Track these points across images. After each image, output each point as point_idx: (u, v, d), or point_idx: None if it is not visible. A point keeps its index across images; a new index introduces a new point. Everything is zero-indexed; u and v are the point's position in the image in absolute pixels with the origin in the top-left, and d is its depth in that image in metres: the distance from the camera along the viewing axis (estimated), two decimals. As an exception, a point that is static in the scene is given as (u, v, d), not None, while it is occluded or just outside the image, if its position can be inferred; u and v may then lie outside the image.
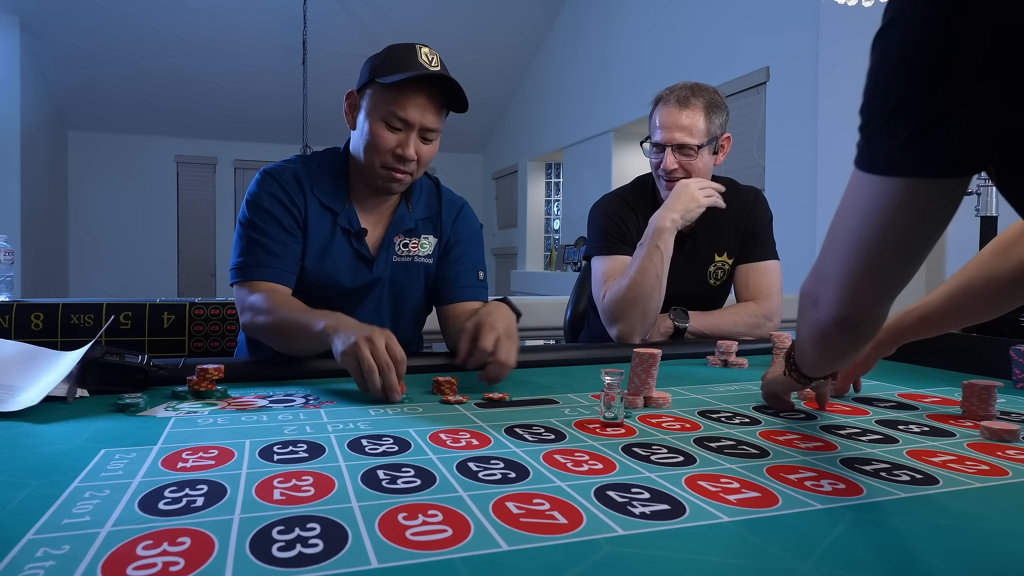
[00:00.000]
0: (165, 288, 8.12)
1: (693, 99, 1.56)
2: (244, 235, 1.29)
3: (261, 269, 1.26)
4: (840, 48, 3.03)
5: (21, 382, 0.93)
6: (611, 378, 0.83)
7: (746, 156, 4.00)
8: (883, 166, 0.53)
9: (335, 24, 6.55)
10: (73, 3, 5.96)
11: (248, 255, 1.27)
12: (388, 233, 1.36)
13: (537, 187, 7.84)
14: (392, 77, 1.20)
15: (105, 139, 7.97)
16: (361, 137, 1.27)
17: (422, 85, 1.22)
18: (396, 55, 1.23)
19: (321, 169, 1.35)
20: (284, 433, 0.80)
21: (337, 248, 1.33)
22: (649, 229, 1.53)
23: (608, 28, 5.86)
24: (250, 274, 1.26)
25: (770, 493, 0.61)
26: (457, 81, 1.23)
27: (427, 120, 1.24)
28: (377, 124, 1.24)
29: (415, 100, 1.22)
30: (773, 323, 1.62)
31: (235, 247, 1.30)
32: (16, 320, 1.60)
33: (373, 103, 1.25)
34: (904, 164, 0.50)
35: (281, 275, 1.27)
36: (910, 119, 0.48)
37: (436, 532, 0.51)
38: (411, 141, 1.24)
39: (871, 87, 0.53)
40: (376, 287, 1.36)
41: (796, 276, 3.22)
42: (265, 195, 1.29)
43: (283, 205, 1.29)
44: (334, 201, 1.33)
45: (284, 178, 1.31)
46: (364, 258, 1.35)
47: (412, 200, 1.38)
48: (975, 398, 0.93)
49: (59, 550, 0.48)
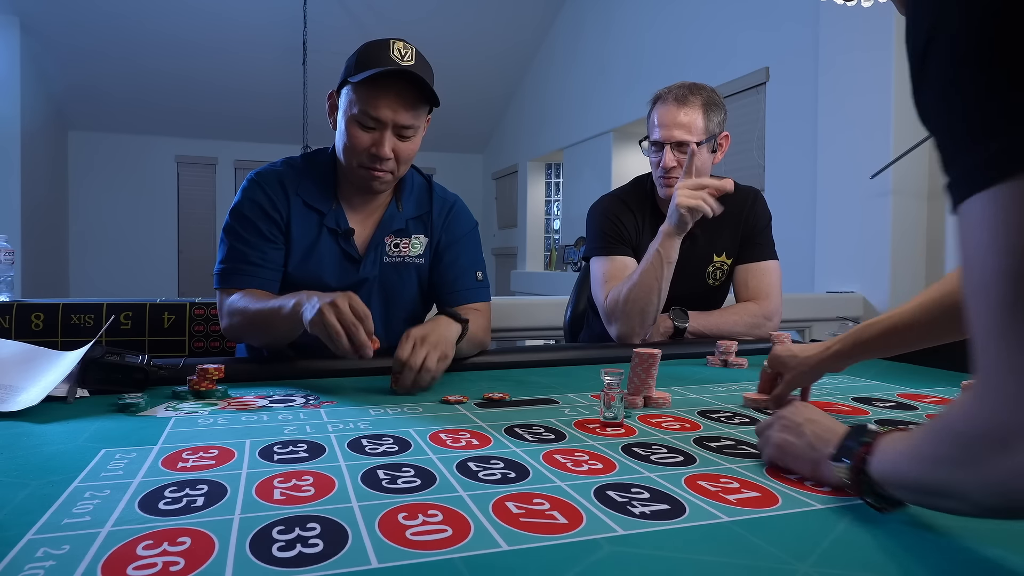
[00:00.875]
0: (165, 288, 8.11)
1: (691, 97, 1.56)
2: (226, 242, 1.31)
3: (241, 277, 1.27)
4: (840, 48, 3.02)
5: (21, 382, 0.93)
6: (611, 378, 0.83)
7: (746, 156, 4.00)
8: (1004, 163, 0.38)
9: (335, 24, 6.55)
10: (73, 3, 5.95)
11: (229, 262, 1.29)
12: (377, 233, 1.35)
13: (537, 187, 7.83)
14: (361, 75, 1.18)
15: (105, 139, 7.96)
16: (340, 138, 1.27)
17: (394, 82, 1.20)
18: (368, 52, 1.21)
19: (308, 170, 1.35)
20: (284, 433, 0.80)
21: (323, 248, 1.33)
22: (658, 234, 1.53)
23: (608, 28, 5.85)
24: (230, 281, 1.28)
25: (770, 493, 0.61)
26: (424, 76, 1.20)
27: (400, 118, 1.22)
28: (351, 124, 1.23)
29: (385, 98, 1.20)
30: (773, 323, 1.62)
31: (218, 253, 1.32)
32: (16, 320, 1.60)
33: (347, 103, 1.24)
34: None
35: (260, 282, 1.28)
36: (1012, 111, 0.37)
37: (436, 532, 0.51)
38: (386, 140, 1.22)
39: (946, 103, 0.42)
40: (363, 287, 1.35)
41: (796, 276, 3.23)
42: (247, 202, 1.30)
43: (264, 211, 1.29)
44: (320, 202, 1.32)
45: (267, 182, 1.31)
46: (351, 258, 1.34)
47: (402, 199, 1.37)
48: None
49: (59, 550, 0.48)
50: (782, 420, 0.70)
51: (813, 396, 1.06)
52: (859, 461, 0.56)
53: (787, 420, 0.69)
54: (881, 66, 2.80)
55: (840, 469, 0.58)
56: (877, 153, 2.78)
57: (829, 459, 0.60)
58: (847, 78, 2.99)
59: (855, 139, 2.94)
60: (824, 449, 0.62)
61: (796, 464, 0.66)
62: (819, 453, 0.63)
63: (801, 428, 0.66)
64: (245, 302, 1.21)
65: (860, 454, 0.56)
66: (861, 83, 2.91)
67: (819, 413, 0.69)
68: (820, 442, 0.63)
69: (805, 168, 3.43)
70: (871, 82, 2.84)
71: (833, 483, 0.61)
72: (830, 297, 2.87)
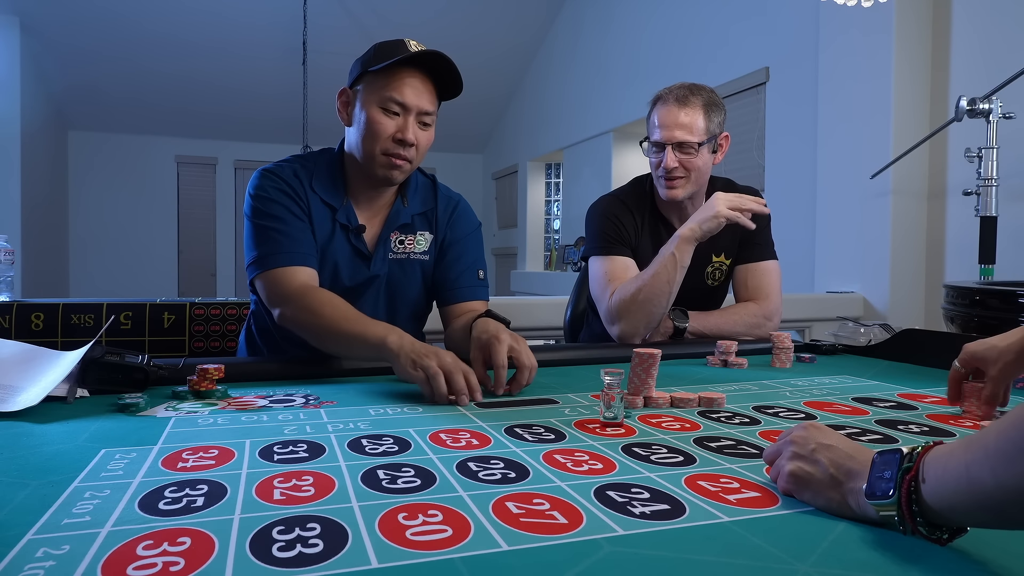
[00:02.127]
0: (165, 288, 8.11)
1: (692, 98, 1.56)
2: (257, 226, 1.25)
3: (283, 255, 1.23)
4: (840, 48, 3.02)
5: (21, 382, 0.93)
6: (611, 378, 0.83)
7: (746, 156, 4.00)
8: None
9: (335, 24, 6.55)
10: (73, 3, 5.95)
11: (266, 245, 1.24)
12: (384, 229, 1.35)
13: (537, 187, 7.83)
14: (387, 61, 1.21)
15: (105, 139, 7.96)
16: (359, 128, 1.27)
17: (415, 69, 1.24)
18: (385, 48, 1.24)
19: (318, 167, 1.34)
20: (284, 433, 0.80)
21: (336, 245, 1.33)
22: (673, 236, 1.53)
23: (608, 28, 5.85)
24: (273, 262, 1.22)
25: (770, 493, 0.61)
26: (449, 57, 1.23)
27: (423, 102, 1.24)
28: (374, 111, 1.24)
29: (410, 82, 1.23)
30: (773, 323, 1.62)
31: (249, 242, 1.27)
32: (16, 320, 1.60)
33: (367, 92, 1.25)
34: None
35: (304, 258, 1.24)
36: None
37: (436, 532, 0.51)
38: (410, 125, 1.24)
39: None
40: (373, 285, 1.36)
41: (796, 276, 3.23)
42: (271, 188, 1.28)
43: (290, 196, 1.28)
44: (332, 197, 1.32)
45: (285, 174, 1.31)
46: (362, 255, 1.34)
47: (408, 195, 1.38)
48: (975, 398, 0.93)
49: (59, 550, 0.48)
50: (792, 447, 0.61)
51: (812, 396, 1.06)
52: (907, 491, 0.48)
53: (797, 446, 0.60)
54: (881, 65, 2.80)
55: (883, 507, 0.50)
56: (877, 153, 2.78)
57: (862, 495, 0.52)
58: (847, 78, 2.99)
59: (855, 139, 2.94)
60: (850, 482, 0.54)
61: (818, 500, 0.57)
62: (844, 486, 0.55)
63: (815, 455, 0.58)
64: (318, 302, 1.15)
65: (906, 483, 0.48)
66: (861, 82, 2.91)
67: (833, 435, 0.60)
68: (841, 472, 0.56)
69: (805, 168, 3.44)
70: (871, 81, 2.84)
71: (870, 518, 0.53)
72: (830, 297, 2.87)
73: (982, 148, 2.23)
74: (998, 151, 2.22)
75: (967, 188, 2.30)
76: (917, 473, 0.48)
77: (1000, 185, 2.23)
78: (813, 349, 1.50)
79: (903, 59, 2.76)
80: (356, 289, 1.35)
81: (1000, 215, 2.23)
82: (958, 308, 1.53)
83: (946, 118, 2.57)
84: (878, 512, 0.51)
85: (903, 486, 0.48)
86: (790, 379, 1.20)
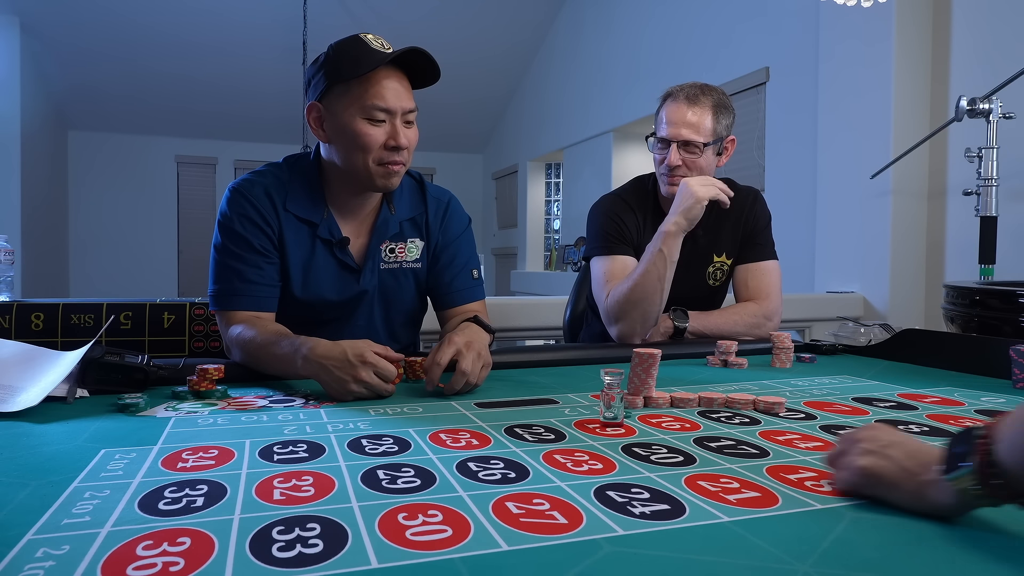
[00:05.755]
0: (165, 288, 8.11)
1: (702, 97, 1.56)
2: (219, 260, 1.25)
3: (237, 298, 1.22)
4: (840, 48, 3.02)
5: (21, 382, 0.93)
6: (611, 378, 0.83)
7: (746, 156, 4.00)
8: None
9: (335, 24, 6.54)
10: (73, 3, 5.95)
11: (223, 282, 1.23)
12: (373, 241, 1.31)
13: (537, 187, 7.83)
14: (364, 71, 1.16)
15: (105, 139, 7.96)
16: (344, 143, 1.21)
17: (390, 70, 1.20)
18: (348, 51, 1.18)
19: (294, 178, 1.28)
20: (284, 433, 0.80)
21: (320, 262, 1.29)
22: (658, 234, 1.53)
23: (608, 28, 5.85)
24: (227, 303, 1.23)
25: (770, 493, 0.61)
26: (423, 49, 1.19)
27: (405, 102, 1.20)
28: (358, 122, 1.18)
29: (388, 84, 1.19)
30: (773, 323, 1.62)
31: (211, 271, 1.27)
32: (16, 320, 1.60)
33: (344, 103, 1.19)
34: None
35: (258, 302, 1.23)
36: None
37: (436, 532, 0.51)
38: (398, 128, 1.20)
39: None
40: (365, 298, 1.33)
41: (796, 276, 3.24)
42: (236, 217, 1.24)
43: (255, 225, 1.24)
44: (311, 213, 1.27)
45: (255, 195, 1.25)
46: (350, 268, 1.31)
47: (394, 201, 1.33)
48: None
49: (59, 550, 0.48)
50: (861, 444, 0.61)
51: (812, 396, 1.06)
52: (984, 455, 0.48)
53: (868, 444, 0.60)
54: (881, 66, 2.80)
55: (961, 479, 0.51)
56: (877, 153, 2.78)
57: (940, 476, 0.53)
58: (847, 78, 2.99)
59: (855, 139, 2.94)
60: (925, 473, 0.54)
61: (891, 492, 0.57)
62: (920, 476, 0.55)
63: (887, 451, 0.58)
64: (247, 337, 1.14)
65: (981, 448, 0.48)
66: (861, 83, 2.90)
67: (900, 433, 0.61)
68: (916, 464, 0.56)
69: (805, 168, 3.44)
70: (871, 82, 2.84)
71: (947, 505, 0.53)
72: (830, 297, 2.87)
73: (982, 148, 2.23)
74: (998, 151, 2.22)
75: (967, 188, 2.30)
76: (990, 438, 0.49)
77: (1000, 185, 2.23)
78: (813, 349, 1.50)
79: (903, 60, 2.76)
80: (346, 304, 1.33)
81: (1000, 215, 2.22)
82: (958, 308, 1.52)
83: (946, 118, 2.57)
84: (955, 488, 0.51)
85: (981, 451, 0.49)
86: (790, 379, 1.20)
